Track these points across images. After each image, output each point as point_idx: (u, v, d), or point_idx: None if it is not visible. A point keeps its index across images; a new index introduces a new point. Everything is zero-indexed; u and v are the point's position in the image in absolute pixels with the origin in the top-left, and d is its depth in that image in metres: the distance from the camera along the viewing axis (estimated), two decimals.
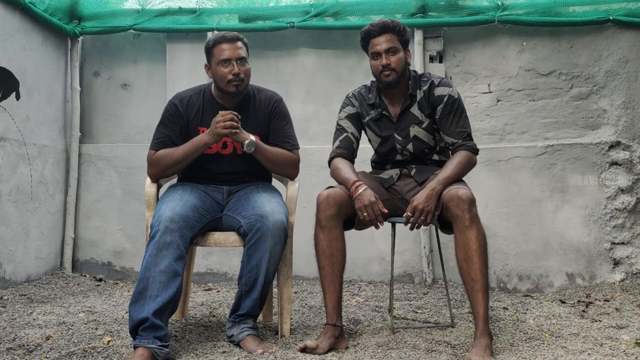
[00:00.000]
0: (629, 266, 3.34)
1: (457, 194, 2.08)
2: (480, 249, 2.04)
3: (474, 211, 2.06)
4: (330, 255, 2.18)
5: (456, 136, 2.31)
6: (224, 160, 2.41)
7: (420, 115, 2.36)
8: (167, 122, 2.40)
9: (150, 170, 2.39)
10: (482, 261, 2.04)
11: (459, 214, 2.06)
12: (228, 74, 2.31)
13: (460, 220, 2.06)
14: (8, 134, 3.26)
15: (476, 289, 2.04)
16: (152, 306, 1.97)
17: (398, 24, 2.30)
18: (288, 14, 3.72)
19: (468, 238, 2.04)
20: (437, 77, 2.38)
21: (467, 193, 2.08)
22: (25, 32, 3.44)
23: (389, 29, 2.29)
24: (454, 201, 2.08)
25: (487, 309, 2.04)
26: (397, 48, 2.29)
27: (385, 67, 2.28)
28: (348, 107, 2.44)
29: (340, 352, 2.08)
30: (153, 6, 3.86)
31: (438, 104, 2.33)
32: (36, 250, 3.53)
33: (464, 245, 2.05)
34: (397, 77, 2.30)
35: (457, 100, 2.34)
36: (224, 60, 2.32)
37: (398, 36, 2.30)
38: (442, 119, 2.33)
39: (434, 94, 2.34)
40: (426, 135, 2.37)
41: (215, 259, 3.75)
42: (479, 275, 2.03)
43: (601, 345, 2.14)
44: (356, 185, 2.16)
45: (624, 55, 3.44)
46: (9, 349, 2.14)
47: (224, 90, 2.36)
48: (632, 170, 3.38)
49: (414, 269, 3.59)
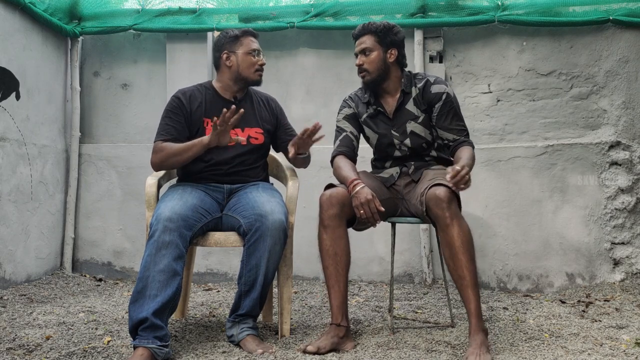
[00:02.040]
0: (629, 266, 3.34)
1: (434, 193, 2.08)
2: (464, 245, 2.04)
3: (453, 208, 2.06)
4: (334, 254, 2.18)
5: (456, 133, 2.36)
6: (227, 150, 2.41)
7: (415, 110, 2.39)
8: (171, 115, 2.42)
9: (153, 158, 2.37)
10: (468, 257, 2.04)
11: (439, 213, 2.06)
12: (256, 63, 2.46)
13: (440, 219, 2.07)
14: (8, 134, 3.27)
15: (464, 286, 2.04)
16: (151, 306, 1.97)
17: (378, 25, 2.37)
18: (288, 14, 3.72)
19: (450, 236, 2.05)
20: (432, 76, 2.43)
21: (445, 191, 2.07)
22: (25, 32, 3.44)
23: (367, 31, 2.37)
24: (432, 200, 2.09)
25: (479, 305, 2.04)
26: (371, 49, 2.36)
27: (359, 67, 2.38)
28: (345, 109, 2.50)
29: (340, 352, 2.08)
30: (153, 6, 3.85)
31: (436, 101, 2.36)
32: (36, 250, 3.54)
33: (448, 244, 2.06)
34: (373, 77, 2.38)
35: (454, 99, 2.39)
36: (255, 50, 2.46)
37: (376, 37, 2.36)
38: (440, 117, 2.36)
39: (431, 92, 2.37)
40: (423, 130, 2.39)
41: (215, 259, 3.75)
42: (465, 272, 2.03)
43: (601, 345, 2.14)
44: (354, 183, 2.17)
45: (624, 55, 3.44)
46: (9, 349, 2.14)
47: (248, 77, 2.46)
48: (632, 170, 3.38)
49: (414, 269, 3.59)
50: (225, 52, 2.46)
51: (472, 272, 2.04)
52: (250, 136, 2.46)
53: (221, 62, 2.47)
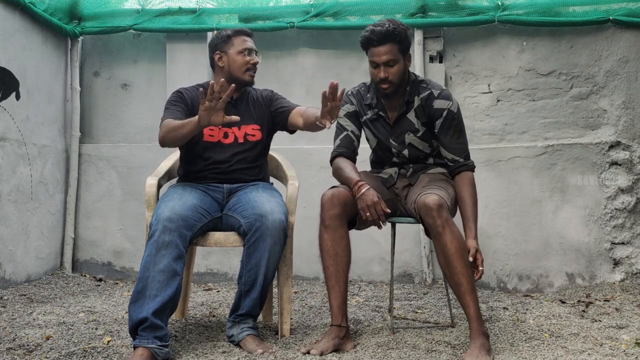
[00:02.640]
0: (629, 266, 3.34)
1: (424, 201, 2.08)
2: (457, 252, 2.04)
3: (444, 216, 2.05)
4: (334, 255, 2.18)
5: (456, 153, 2.29)
6: (225, 149, 2.41)
7: (416, 122, 2.34)
8: (174, 103, 2.42)
9: (159, 133, 2.30)
10: (462, 264, 2.04)
11: (430, 222, 2.07)
12: (248, 62, 2.42)
13: (433, 228, 2.07)
14: (8, 134, 3.27)
15: (462, 292, 2.04)
16: (151, 306, 1.97)
17: (400, 31, 2.22)
18: (288, 14, 3.72)
19: (444, 243, 2.05)
20: (438, 88, 2.33)
21: (434, 199, 2.06)
22: (25, 32, 3.44)
23: (390, 38, 2.21)
24: (423, 210, 2.08)
25: (478, 309, 2.04)
26: (396, 59, 2.23)
27: (384, 80, 2.24)
28: (347, 105, 2.42)
29: (340, 352, 2.08)
30: (153, 6, 3.85)
31: (437, 117, 2.30)
32: (36, 250, 3.53)
33: (442, 251, 2.06)
34: (395, 88, 2.28)
35: (457, 115, 2.31)
36: (246, 49, 2.42)
37: (399, 45, 2.23)
38: (440, 134, 2.32)
39: (433, 106, 2.30)
40: (421, 144, 2.36)
41: (215, 259, 3.75)
42: (461, 278, 2.03)
43: (601, 345, 2.14)
44: (359, 185, 2.16)
45: (624, 55, 3.44)
46: (9, 349, 2.14)
47: (239, 78, 2.42)
48: (632, 170, 3.38)
49: (414, 269, 3.59)
50: (217, 52, 2.45)
51: (468, 278, 2.04)
52: (247, 133, 2.45)
53: (215, 63, 2.47)
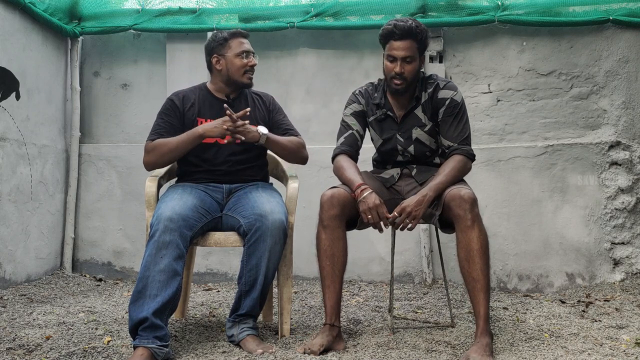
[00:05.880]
0: (629, 266, 3.34)
1: (459, 193, 2.08)
2: (481, 249, 2.04)
3: (475, 211, 2.07)
4: (331, 255, 2.18)
5: (453, 140, 2.30)
6: (222, 149, 2.42)
7: (423, 117, 2.35)
8: (163, 116, 2.45)
9: (145, 158, 2.38)
10: (484, 261, 2.05)
11: (461, 214, 2.06)
12: (246, 65, 2.42)
13: (462, 220, 2.06)
14: (8, 134, 3.27)
15: (477, 289, 2.04)
16: (151, 306, 1.97)
17: (421, 30, 2.24)
18: (288, 14, 3.72)
19: (470, 238, 2.05)
20: (443, 80, 2.35)
21: (469, 193, 2.08)
22: (25, 32, 3.44)
23: (412, 35, 2.22)
24: (455, 201, 2.08)
25: (488, 309, 2.05)
26: (413, 57, 2.24)
27: (398, 75, 2.25)
28: (354, 104, 2.43)
29: (340, 352, 2.08)
30: (153, 6, 3.86)
31: (440, 106, 2.32)
32: (36, 250, 3.53)
33: (466, 246, 2.06)
34: (408, 85, 2.28)
35: (460, 105, 2.32)
36: (243, 51, 2.42)
37: (418, 44, 2.24)
38: (442, 122, 2.32)
39: (437, 97, 2.32)
40: (428, 139, 2.36)
41: (215, 259, 3.75)
42: (480, 275, 2.04)
43: (601, 345, 2.14)
44: (361, 188, 2.16)
45: (624, 55, 3.45)
46: (9, 349, 2.14)
47: (238, 81, 2.44)
48: (632, 170, 3.38)
49: (414, 269, 3.59)
50: (215, 55, 2.45)
51: (486, 277, 2.05)
52: None
53: (212, 66, 2.48)
